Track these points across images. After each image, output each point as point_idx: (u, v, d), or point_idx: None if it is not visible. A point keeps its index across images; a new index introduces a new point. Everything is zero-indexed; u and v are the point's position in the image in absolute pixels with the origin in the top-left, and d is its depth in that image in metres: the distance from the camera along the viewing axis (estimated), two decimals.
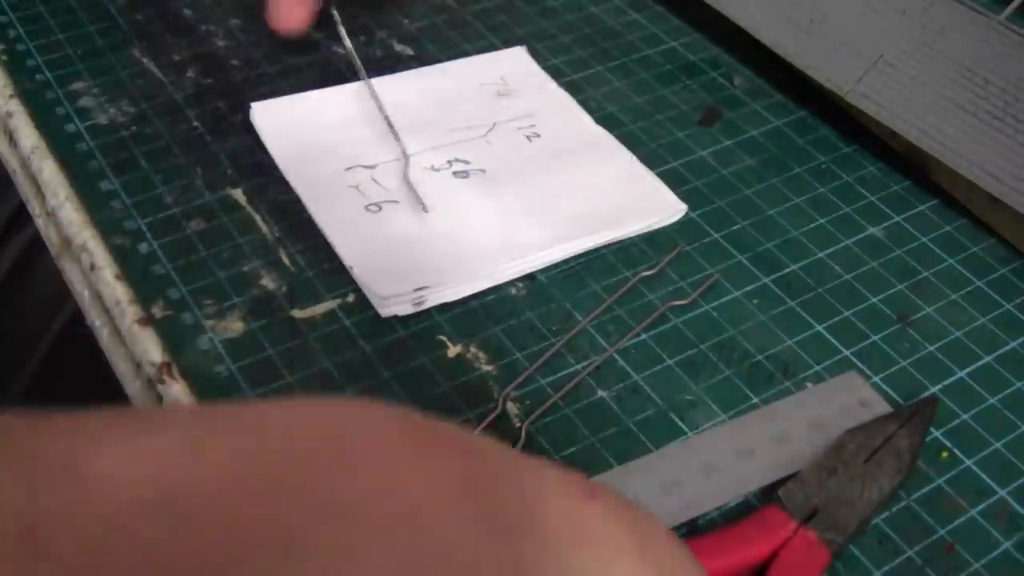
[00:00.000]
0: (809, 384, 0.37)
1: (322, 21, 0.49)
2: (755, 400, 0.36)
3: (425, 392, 0.35)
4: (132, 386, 0.36)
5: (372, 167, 0.42)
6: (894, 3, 0.46)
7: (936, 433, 0.36)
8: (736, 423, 0.35)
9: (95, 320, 0.38)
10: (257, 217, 0.40)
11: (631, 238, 0.41)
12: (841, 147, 0.47)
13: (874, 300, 0.40)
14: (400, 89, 0.46)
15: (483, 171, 0.43)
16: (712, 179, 0.44)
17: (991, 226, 0.43)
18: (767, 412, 0.36)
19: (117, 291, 0.37)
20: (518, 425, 0.34)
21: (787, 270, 0.41)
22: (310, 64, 0.47)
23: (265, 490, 0.18)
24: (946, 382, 0.38)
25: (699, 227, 0.42)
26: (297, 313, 0.37)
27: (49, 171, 0.41)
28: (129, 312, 0.36)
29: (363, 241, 0.39)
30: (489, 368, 0.36)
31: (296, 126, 0.43)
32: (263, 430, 0.19)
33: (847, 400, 0.36)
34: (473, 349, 0.36)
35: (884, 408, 0.36)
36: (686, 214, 0.42)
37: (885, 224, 0.43)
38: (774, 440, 0.34)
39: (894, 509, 0.33)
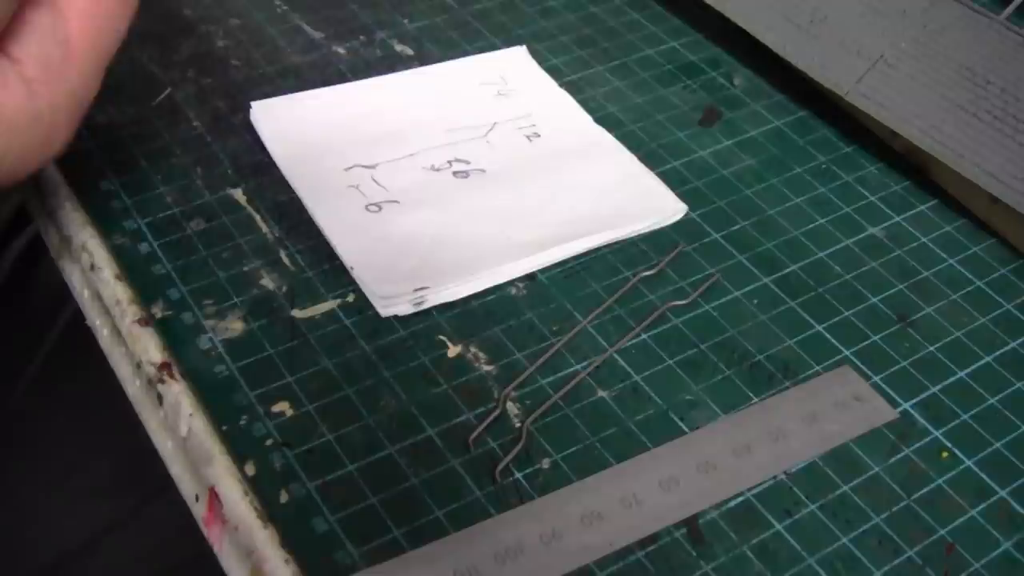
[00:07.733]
0: None
1: (324, 20, 0.49)
2: (755, 400, 0.36)
3: (425, 392, 0.35)
4: (132, 386, 0.36)
5: (372, 167, 0.42)
6: (894, 3, 0.46)
7: (936, 433, 0.36)
8: (731, 419, 0.35)
9: (95, 320, 0.38)
10: (257, 217, 0.40)
11: (631, 238, 0.41)
12: (841, 147, 0.47)
13: (874, 300, 0.40)
14: (400, 89, 0.46)
15: (483, 171, 0.43)
16: (712, 179, 0.44)
17: (991, 226, 0.43)
18: (761, 408, 0.36)
19: (117, 291, 0.37)
20: (518, 425, 0.34)
21: (787, 270, 0.41)
22: (310, 64, 0.47)
23: None
24: (946, 382, 0.38)
25: (699, 227, 0.42)
26: (297, 313, 0.37)
27: (49, 170, 0.41)
28: (129, 312, 0.36)
29: (363, 241, 0.39)
30: (489, 368, 0.36)
31: (296, 126, 0.43)
32: None
33: (841, 394, 0.36)
34: (473, 349, 0.36)
35: (879, 402, 0.36)
36: (686, 214, 0.42)
37: (885, 224, 0.43)
38: (770, 436, 0.35)
39: (894, 509, 0.33)
